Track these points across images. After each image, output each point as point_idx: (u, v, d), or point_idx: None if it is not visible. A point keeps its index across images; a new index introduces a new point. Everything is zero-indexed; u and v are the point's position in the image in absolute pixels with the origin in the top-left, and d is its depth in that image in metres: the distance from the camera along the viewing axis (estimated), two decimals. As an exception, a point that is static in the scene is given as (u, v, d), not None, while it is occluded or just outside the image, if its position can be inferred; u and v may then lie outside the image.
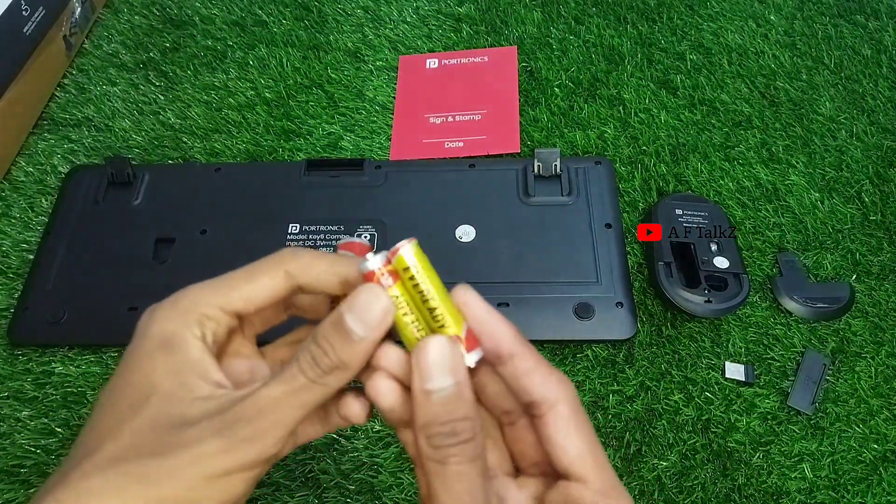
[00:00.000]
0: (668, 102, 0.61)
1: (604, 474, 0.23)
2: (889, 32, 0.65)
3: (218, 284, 0.25)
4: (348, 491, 0.43)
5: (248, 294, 0.25)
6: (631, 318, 0.48)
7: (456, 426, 0.22)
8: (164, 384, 0.23)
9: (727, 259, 0.49)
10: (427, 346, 0.23)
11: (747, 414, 0.45)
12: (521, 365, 0.24)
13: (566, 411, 0.23)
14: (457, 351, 0.23)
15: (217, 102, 0.63)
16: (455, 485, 0.22)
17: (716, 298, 0.47)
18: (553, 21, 0.68)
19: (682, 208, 0.52)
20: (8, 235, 0.55)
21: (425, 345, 0.23)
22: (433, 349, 0.23)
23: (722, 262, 0.49)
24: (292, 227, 0.53)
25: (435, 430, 0.22)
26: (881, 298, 0.50)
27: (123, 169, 0.55)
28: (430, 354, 0.23)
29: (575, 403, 0.24)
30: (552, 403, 0.23)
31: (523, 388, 0.24)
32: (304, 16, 0.69)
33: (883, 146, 0.58)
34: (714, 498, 0.43)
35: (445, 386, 0.22)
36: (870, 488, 0.43)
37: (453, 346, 0.23)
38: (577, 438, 0.23)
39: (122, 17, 0.71)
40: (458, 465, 0.22)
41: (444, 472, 0.22)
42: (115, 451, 0.22)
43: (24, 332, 0.49)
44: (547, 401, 0.23)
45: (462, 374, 0.23)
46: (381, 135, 0.61)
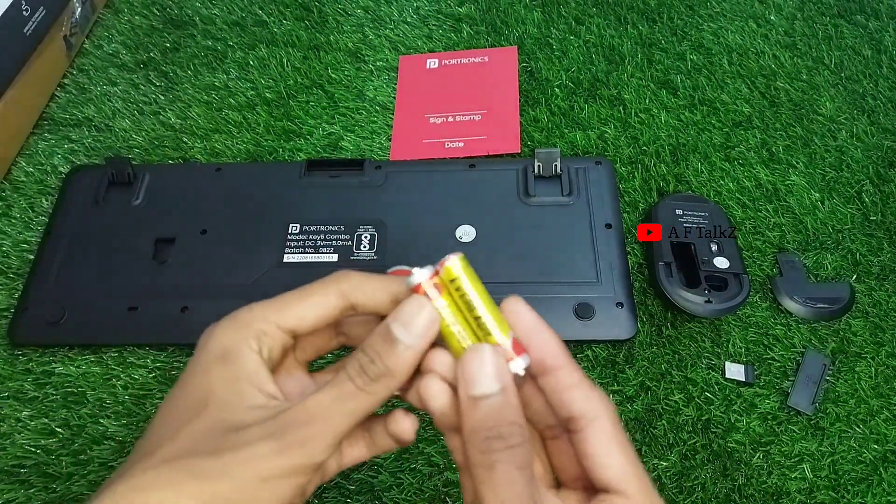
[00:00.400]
0: (669, 102, 0.61)
1: (644, 488, 0.23)
2: (889, 32, 0.65)
3: (275, 303, 0.26)
4: (348, 491, 0.43)
5: (302, 312, 0.26)
6: (631, 318, 0.48)
7: (503, 430, 0.22)
8: (220, 392, 0.24)
9: (727, 259, 0.49)
10: (472, 353, 0.24)
11: (747, 414, 0.45)
12: (564, 379, 0.24)
13: (607, 426, 0.24)
14: (501, 358, 0.24)
15: (217, 102, 0.63)
16: (503, 491, 0.22)
17: (716, 298, 0.47)
18: (553, 21, 0.68)
19: (682, 208, 0.52)
20: (8, 235, 0.55)
21: (470, 352, 0.24)
22: (478, 356, 0.24)
23: (722, 263, 0.49)
24: (292, 227, 0.53)
25: (483, 435, 0.22)
26: (881, 298, 0.50)
27: (124, 169, 0.55)
28: (475, 361, 0.24)
29: (615, 419, 0.24)
30: (592, 419, 0.24)
31: (565, 402, 0.24)
32: (305, 16, 0.70)
33: (883, 146, 0.58)
34: (714, 498, 0.43)
35: (491, 392, 0.23)
36: (870, 488, 0.43)
37: (497, 354, 0.24)
38: (619, 453, 0.23)
39: (122, 17, 0.71)
40: (507, 472, 0.22)
41: (493, 479, 0.22)
42: (173, 451, 0.23)
43: (24, 332, 0.49)
44: (587, 416, 0.24)
45: (508, 380, 0.24)
46: (381, 135, 0.61)
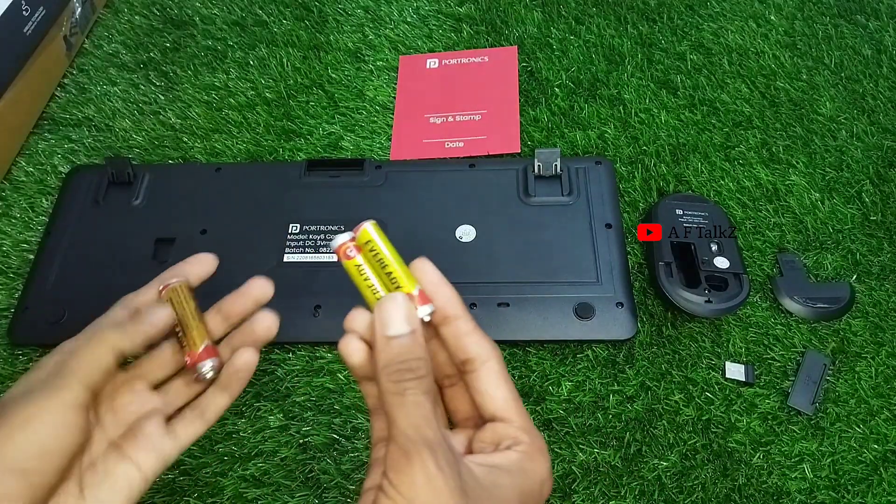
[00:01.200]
0: (669, 102, 0.61)
1: (524, 416, 0.28)
2: (889, 32, 0.65)
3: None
4: (348, 491, 0.43)
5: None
6: (631, 318, 0.48)
7: (412, 364, 0.26)
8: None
9: (727, 259, 0.49)
10: (388, 300, 0.28)
11: (747, 414, 0.45)
12: (462, 326, 0.28)
13: (496, 367, 0.28)
14: (411, 305, 0.28)
15: (217, 102, 0.63)
16: (413, 412, 0.25)
17: (716, 298, 0.47)
18: (553, 21, 0.68)
19: (682, 208, 0.52)
20: (8, 235, 0.55)
21: (385, 299, 0.28)
22: (392, 302, 0.27)
23: (722, 263, 0.49)
24: (292, 227, 0.53)
25: (395, 368, 0.26)
26: (881, 298, 0.50)
27: (124, 169, 0.55)
28: (390, 306, 0.27)
29: (502, 362, 0.29)
30: (484, 360, 0.28)
31: (462, 346, 0.28)
32: (305, 16, 0.69)
33: (883, 146, 0.58)
34: (714, 498, 0.43)
35: (403, 332, 0.27)
36: (870, 488, 0.43)
37: (408, 301, 0.28)
38: (505, 388, 0.28)
39: (122, 17, 0.71)
40: (415, 396, 0.26)
41: (404, 403, 0.25)
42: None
43: (24, 332, 0.49)
44: (480, 357, 0.28)
45: (416, 323, 0.27)
46: (381, 135, 0.61)
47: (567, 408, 0.46)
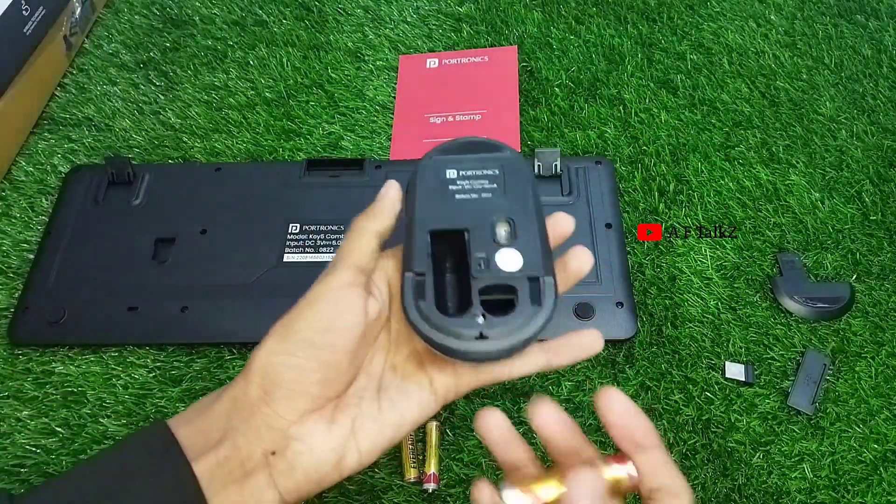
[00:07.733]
0: (669, 102, 0.61)
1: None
2: (889, 32, 0.65)
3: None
4: (348, 491, 0.43)
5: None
6: (631, 317, 0.48)
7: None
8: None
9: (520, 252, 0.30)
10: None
11: (747, 414, 0.45)
12: (659, 456, 0.28)
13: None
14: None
15: (217, 102, 0.63)
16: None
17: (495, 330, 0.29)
18: (553, 21, 0.68)
19: (457, 167, 0.34)
20: (8, 235, 0.55)
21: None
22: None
23: (510, 261, 0.30)
24: (292, 227, 0.53)
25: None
26: (881, 298, 0.50)
27: (124, 169, 0.55)
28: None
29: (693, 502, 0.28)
30: (677, 493, 0.27)
31: (658, 476, 0.28)
32: (305, 16, 0.69)
33: (883, 146, 0.58)
34: (714, 498, 0.43)
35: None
36: (870, 488, 0.43)
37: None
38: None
39: (122, 17, 0.71)
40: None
41: None
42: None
43: (24, 332, 0.49)
44: (672, 490, 0.27)
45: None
46: (381, 135, 0.61)
47: (567, 408, 0.46)
